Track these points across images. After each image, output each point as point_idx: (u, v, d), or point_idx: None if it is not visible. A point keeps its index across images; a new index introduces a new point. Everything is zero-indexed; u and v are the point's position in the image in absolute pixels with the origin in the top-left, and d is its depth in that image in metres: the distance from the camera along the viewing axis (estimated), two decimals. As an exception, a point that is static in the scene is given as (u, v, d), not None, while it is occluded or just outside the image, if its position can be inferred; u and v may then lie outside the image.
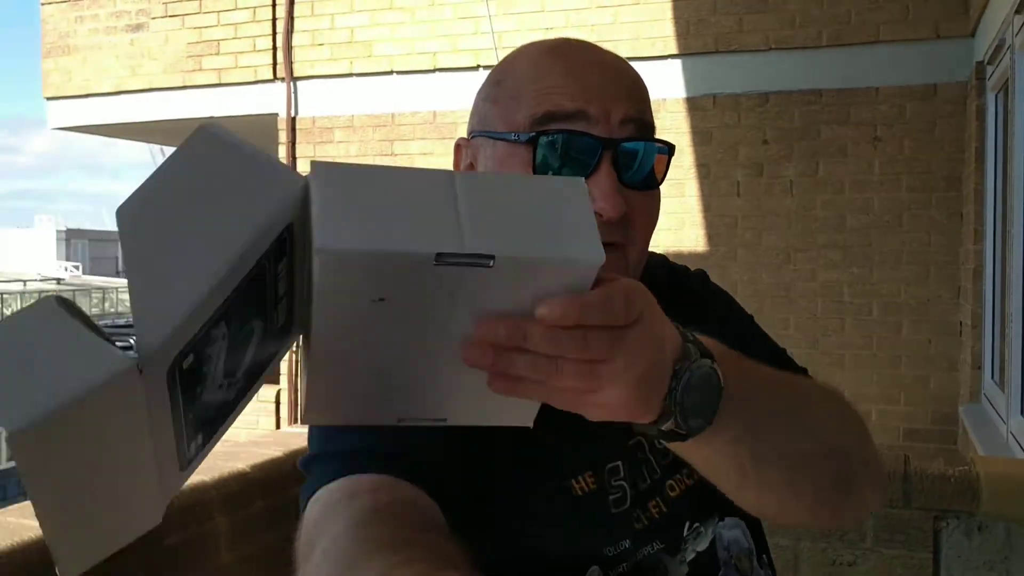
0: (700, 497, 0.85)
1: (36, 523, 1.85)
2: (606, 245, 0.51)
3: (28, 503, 2.02)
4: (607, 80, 0.81)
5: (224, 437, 0.52)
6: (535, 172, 0.78)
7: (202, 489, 2.08)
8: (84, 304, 35.60)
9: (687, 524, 0.86)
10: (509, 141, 0.80)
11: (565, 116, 0.78)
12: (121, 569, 1.77)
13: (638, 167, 0.80)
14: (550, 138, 0.78)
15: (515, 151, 0.79)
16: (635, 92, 0.83)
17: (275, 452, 2.40)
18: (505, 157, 0.80)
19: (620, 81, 0.82)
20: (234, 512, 2.17)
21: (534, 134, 0.78)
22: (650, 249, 0.87)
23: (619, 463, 0.84)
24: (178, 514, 1.99)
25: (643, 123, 0.81)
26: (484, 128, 0.83)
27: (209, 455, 0.54)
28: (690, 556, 0.85)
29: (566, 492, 0.81)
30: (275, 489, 2.33)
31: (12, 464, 22.09)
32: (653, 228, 0.84)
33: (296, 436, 2.61)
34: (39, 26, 6.77)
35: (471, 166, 0.85)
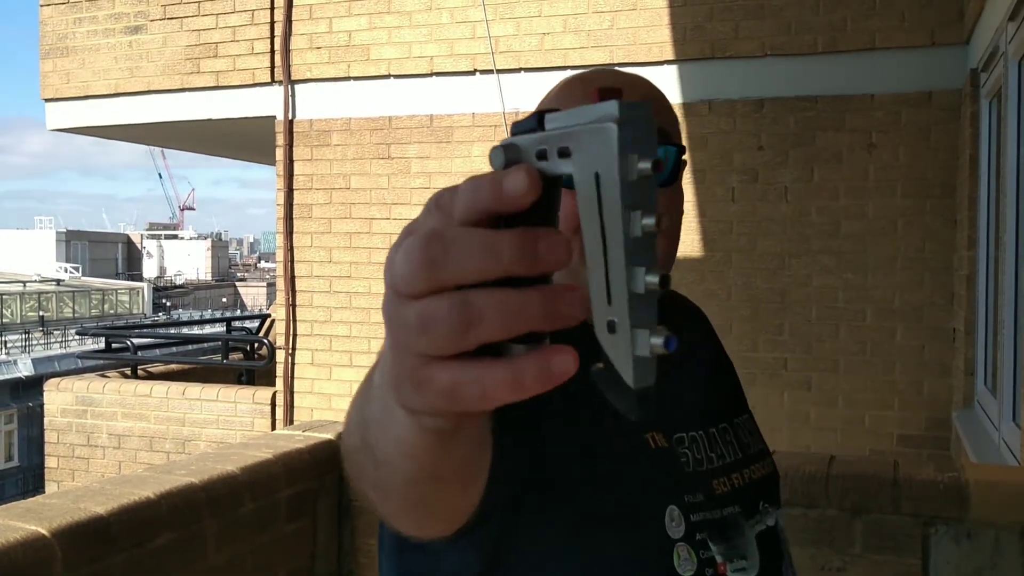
0: (773, 486, 1.06)
1: (23, 524, 1.84)
2: None
3: (14, 504, 2.00)
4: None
5: (217, 439, 0.53)
6: None
7: (191, 491, 2.08)
8: (83, 305, 35.49)
9: (761, 502, 1.02)
10: None
11: None
12: (111, 570, 1.78)
13: None
14: None
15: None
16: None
17: (265, 454, 2.40)
18: None
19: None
20: (223, 514, 2.18)
21: None
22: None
23: (695, 434, 0.99)
24: (167, 515, 2.00)
25: None
26: None
27: (198, 457, 0.54)
28: (759, 528, 1.00)
29: (643, 444, 0.93)
30: (264, 491, 2.33)
31: (9, 464, 21.78)
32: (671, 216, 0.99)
33: (287, 439, 2.61)
34: (38, 27, 6.78)
35: None
